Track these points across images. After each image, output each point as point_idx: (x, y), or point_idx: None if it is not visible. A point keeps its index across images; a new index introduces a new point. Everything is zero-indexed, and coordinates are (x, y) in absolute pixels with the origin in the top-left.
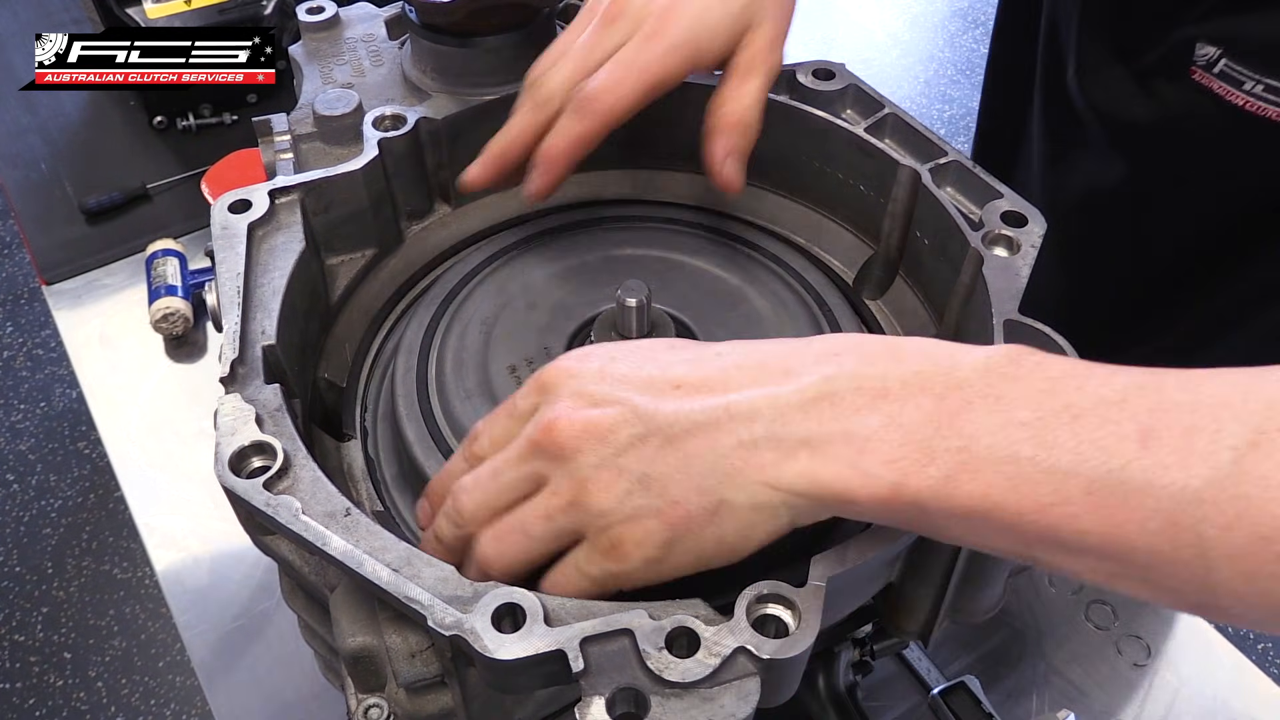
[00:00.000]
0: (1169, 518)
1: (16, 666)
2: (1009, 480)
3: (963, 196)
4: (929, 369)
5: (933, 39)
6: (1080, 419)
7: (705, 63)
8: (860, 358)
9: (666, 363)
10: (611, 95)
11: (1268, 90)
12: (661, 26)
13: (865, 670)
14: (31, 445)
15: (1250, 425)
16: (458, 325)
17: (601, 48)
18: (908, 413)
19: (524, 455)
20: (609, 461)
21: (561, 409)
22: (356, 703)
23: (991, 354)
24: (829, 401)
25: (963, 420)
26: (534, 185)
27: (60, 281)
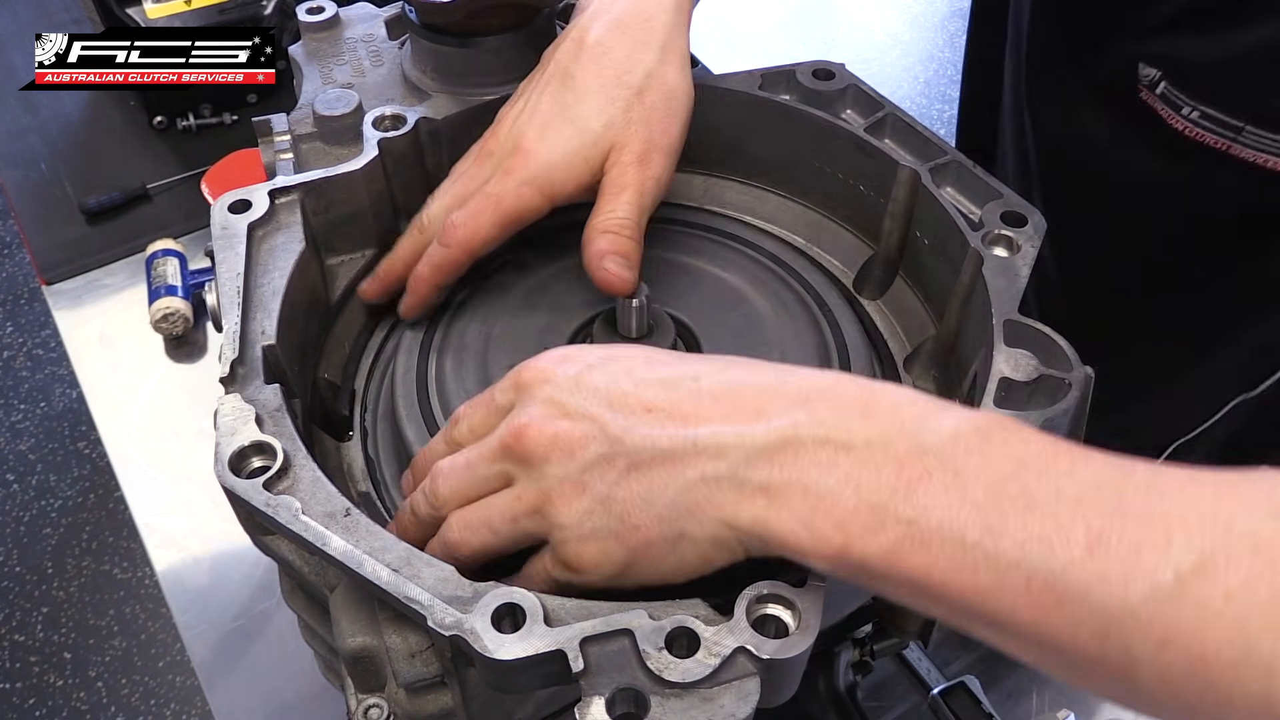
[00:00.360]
0: (1102, 626)
1: (16, 666)
2: (952, 561)
3: (962, 196)
4: (896, 431)
5: (933, 39)
6: (1032, 510)
7: (565, 192)
8: (833, 407)
9: (641, 381)
10: (468, 228)
11: (1204, 117)
12: (515, 163)
13: (865, 670)
14: (31, 445)
15: (1199, 548)
16: (458, 325)
17: (475, 180)
18: (866, 474)
19: (496, 454)
20: (573, 476)
21: (533, 415)
22: (356, 703)
23: (961, 424)
24: (793, 450)
25: (918, 491)
26: (404, 305)
27: (60, 281)
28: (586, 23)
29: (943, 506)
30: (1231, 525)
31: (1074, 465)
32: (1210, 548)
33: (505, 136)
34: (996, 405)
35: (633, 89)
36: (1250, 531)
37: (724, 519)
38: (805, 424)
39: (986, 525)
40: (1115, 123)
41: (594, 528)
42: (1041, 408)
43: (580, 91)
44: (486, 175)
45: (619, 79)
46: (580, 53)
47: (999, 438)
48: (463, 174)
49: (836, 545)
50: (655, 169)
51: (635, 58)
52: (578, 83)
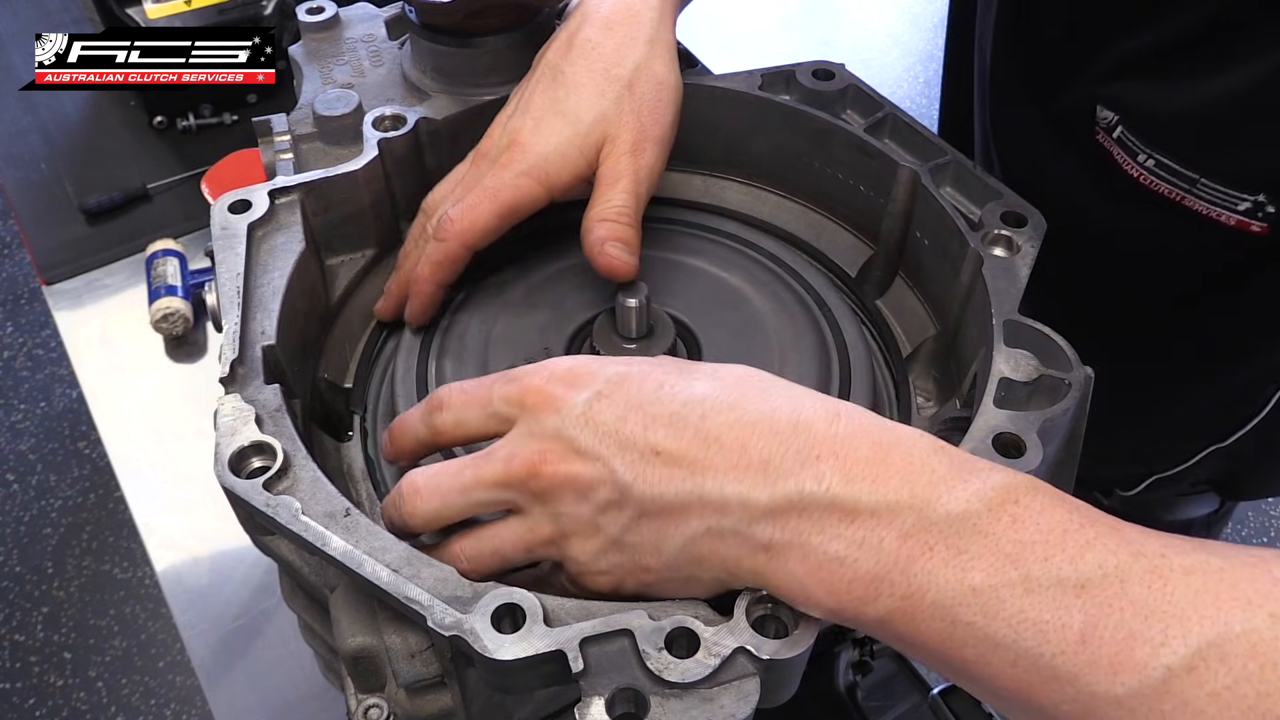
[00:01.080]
0: (1084, 709)
1: (16, 666)
2: (942, 635)
3: (962, 197)
4: (904, 501)
5: (933, 39)
6: (1031, 594)
7: (561, 183)
8: (842, 468)
9: (650, 418)
10: (465, 220)
11: (1159, 166)
12: (511, 156)
13: (865, 670)
14: (31, 445)
15: (1194, 647)
16: (458, 325)
17: (471, 179)
18: (868, 546)
19: (500, 484)
20: (585, 517)
21: (545, 453)
22: (356, 703)
23: (972, 500)
24: (797, 512)
25: (917, 567)
26: (409, 311)
27: (60, 281)
28: (575, 24)
29: (939, 586)
30: (1230, 624)
31: (1081, 548)
32: (1204, 647)
33: (499, 135)
34: (996, 405)
35: (622, 81)
36: (1247, 631)
37: (727, 569)
38: (810, 485)
39: (982, 608)
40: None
41: (608, 564)
42: (1041, 408)
43: (570, 85)
44: (482, 172)
45: (608, 72)
46: (569, 50)
47: (1010, 514)
48: (459, 177)
49: (829, 608)
50: (649, 158)
51: (623, 52)
52: (568, 78)
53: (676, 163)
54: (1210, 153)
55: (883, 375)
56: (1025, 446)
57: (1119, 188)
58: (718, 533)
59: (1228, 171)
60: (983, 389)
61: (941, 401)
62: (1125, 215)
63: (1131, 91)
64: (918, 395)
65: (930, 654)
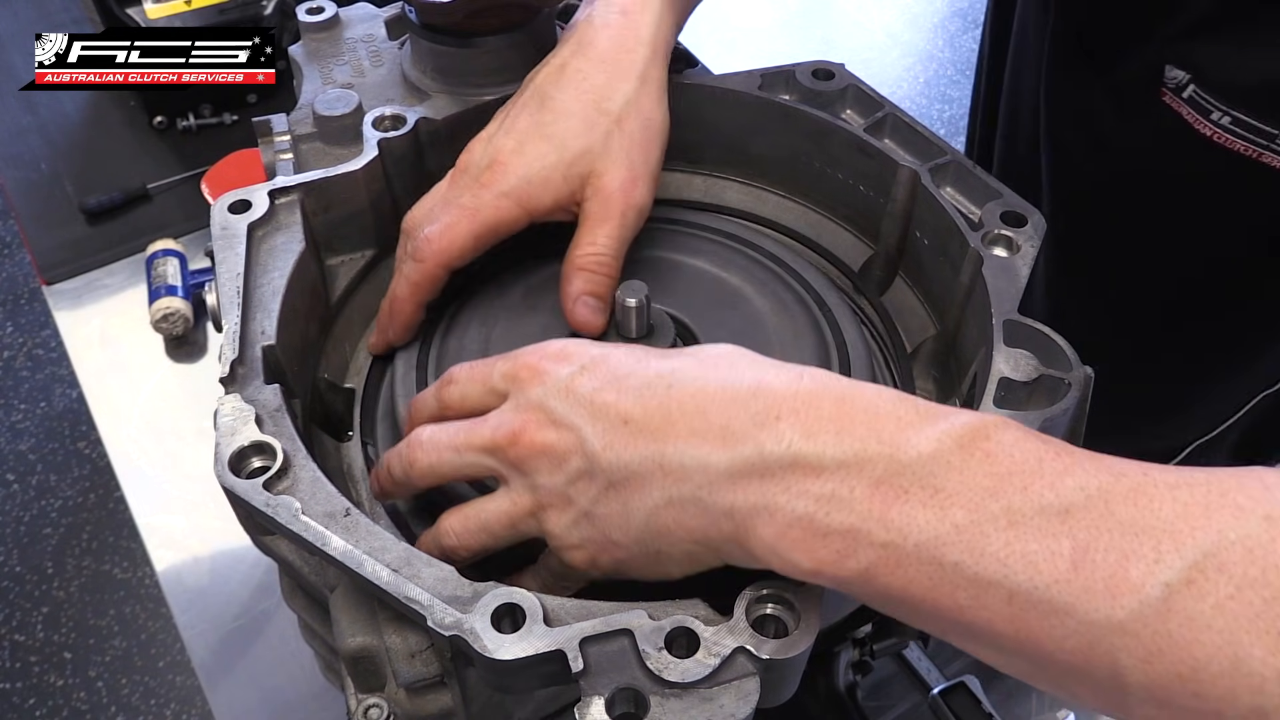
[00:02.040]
0: (1087, 641)
1: (16, 666)
2: (930, 580)
3: (962, 196)
4: (871, 448)
5: (932, 39)
6: (1016, 526)
7: (542, 207)
8: (803, 424)
9: (623, 390)
10: (443, 240)
11: (1235, 123)
12: (491, 176)
13: (865, 670)
14: (31, 445)
15: (1190, 560)
16: (458, 325)
17: (450, 195)
18: (838, 498)
19: (485, 449)
20: (559, 488)
21: (525, 422)
22: (356, 703)
23: (942, 438)
24: (759, 474)
25: (894, 512)
26: (391, 332)
27: (60, 281)
28: (567, 52)
29: (920, 527)
30: (1224, 532)
31: (1060, 475)
32: (1200, 558)
33: (480, 154)
34: (996, 405)
35: (612, 116)
36: (1243, 537)
37: (694, 539)
38: (770, 445)
39: (967, 546)
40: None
41: (581, 537)
42: (1041, 408)
43: (559, 112)
44: (461, 191)
45: (598, 105)
46: (560, 77)
47: (982, 450)
48: (438, 196)
49: (807, 569)
50: (638, 197)
51: (614, 86)
52: (556, 104)
53: (677, 163)
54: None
55: (883, 375)
56: None
57: (1190, 147)
58: (678, 501)
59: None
60: (983, 389)
61: (941, 401)
62: (1196, 175)
63: (1205, 51)
64: (918, 395)
65: (920, 607)
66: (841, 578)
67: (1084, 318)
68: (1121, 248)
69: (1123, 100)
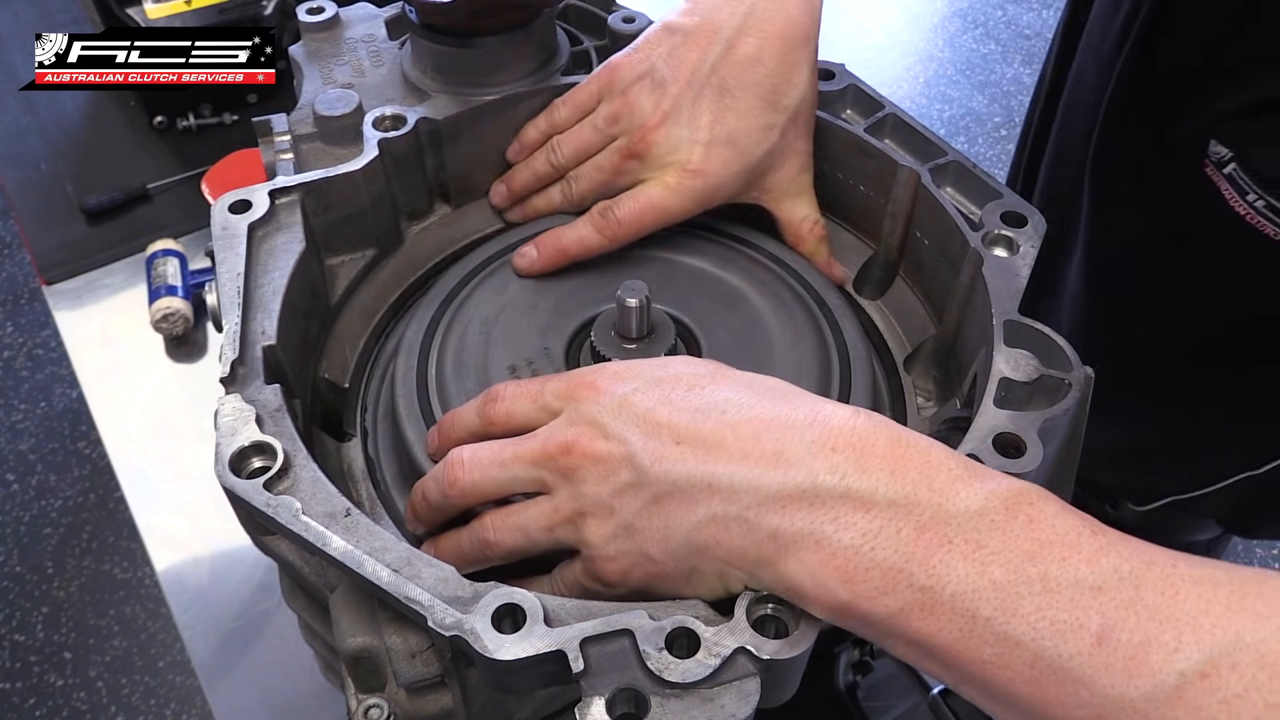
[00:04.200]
0: (1098, 714)
1: (16, 666)
2: (960, 632)
3: (962, 197)
4: (922, 495)
5: (933, 39)
6: (1050, 594)
7: (715, 204)
8: (858, 460)
9: (677, 408)
10: (631, 228)
11: (1269, 208)
12: (682, 180)
13: (865, 670)
14: (31, 445)
15: (1207, 654)
16: (458, 325)
17: (624, 175)
18: (884, 536)
19: (537, 461)
20: (604, 499)
21: (579, 433)
22: (357, 703)
23: (989, 497)
24: (808, 501)
25: (936, 560)
26: (533, 265)
27: (60, 281)
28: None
29: (959, 578)
30: (1242, 635)
31: (1096, 552)
32: (1216, 655)
33: (663, 144)
34: (996, 405)
35: (789, 113)
36: (1258, 641)
37: (730, 560)
38: (824, 475)
39: (1001, 604)
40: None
41: (619, 550)
42: (1041, 408)
43: (740, 111)
44: (639, 176)
45: (775, 101)
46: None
47: (1026, 514)
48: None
49: (842, 601)
50: (810, 172)
51: (789, 78)
52: (737, 101)
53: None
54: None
55: (883, 375)
56: (1025, 446)
57: (1222, 221)
58: (724, 520)
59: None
60: (983, 389)
61: (941, 401)
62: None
63: (1251, 132)
64: (918, 395)
65: (944, 656)
66: (874, 615)
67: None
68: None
69: (1168, 162)
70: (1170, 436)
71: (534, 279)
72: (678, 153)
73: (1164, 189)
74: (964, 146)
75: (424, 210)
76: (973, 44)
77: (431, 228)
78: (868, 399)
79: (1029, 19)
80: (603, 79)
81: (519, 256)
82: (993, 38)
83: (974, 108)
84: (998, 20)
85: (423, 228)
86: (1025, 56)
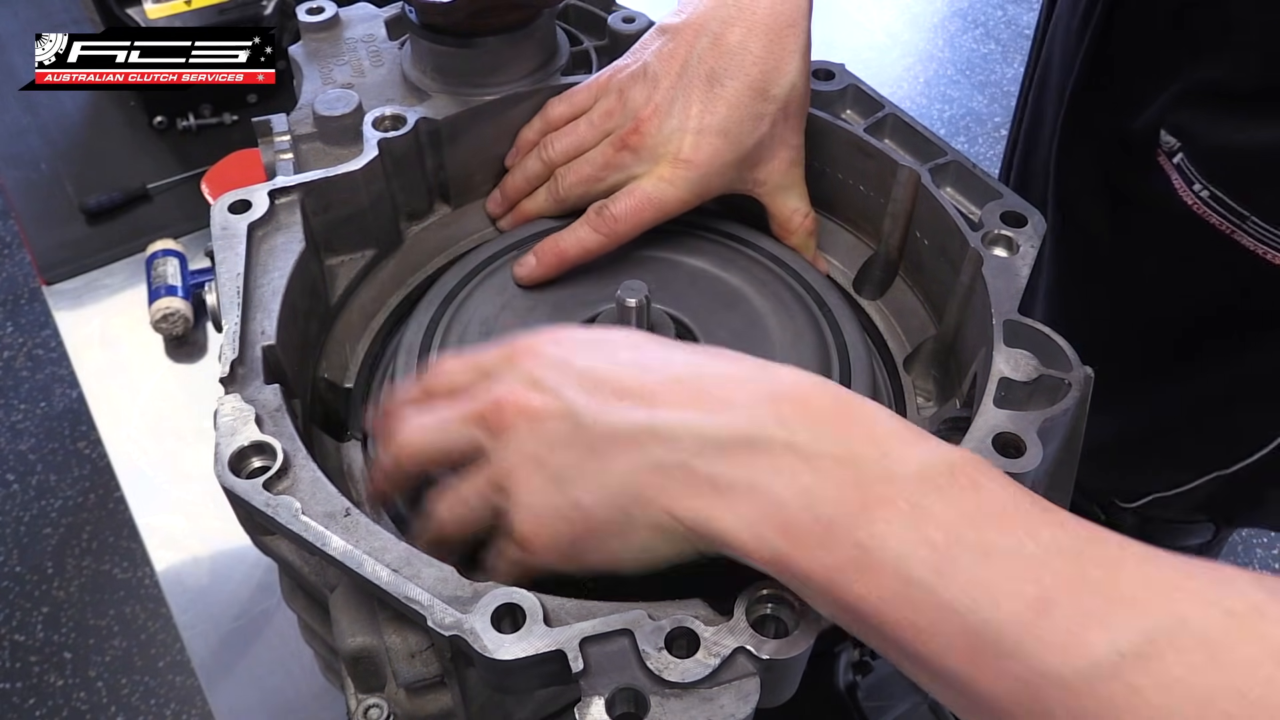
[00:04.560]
0: (1030, 690)
1: (16, 666)
2: (894, 594)
3: (962, 197)
4: (866, 452)
5: (933, 39)
6: (989, 560)
7: (711, 194)
8: (805, 413)
9: (620, 364)
10: (628, 224)
11: (1213, 198)
12: (676, 171)
13: (865, 670)
14: (31, 445)
15: (1146, 632)
16: (458, 325)
17: (616, 169)
18: (826, 490)
19: (468, 420)
20: (535, 452)
21: (510, 389)
22: (356, 703)
23: (934, 459)
24: (750, 450)
25: (876, 517)
26: (532, 273)
27: (60, 281)
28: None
29: (898, 538)
30: (1185, 617)
31: (1040, 524)
32: (1157, 635)
33: (654, 135)
34: (996, 405)
35: (779, 103)
36: (1202, 627)
37: (668, 508)
38: (770, 424)
39: (938, 568)
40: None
41: (546, 505)
42: (1041, 408)
43: (730, 102)
44: (634, 171)
45: (765, 91)
46: (724, 54)
47: (969, 480)
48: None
49: (780, 552)
50: (801, 165)
51: (778, 67)
52: (727, 92)
53: None
54: (1265, 192)
55: (883, 375)
56: (1025, 446)
57: (1174, 213)
58: (665, 466)
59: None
60: (983, 389)
61: (941, 401)
62: (1176, 242)
63: (1194, 121)
64: (918, 395)
65: (877, 619)
66: (809, 571)
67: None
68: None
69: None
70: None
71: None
72: (669, 143)
73: (1123, 182)
74: (964, 146)
75: (424, 210)
76: (973, 44)
77: (431, 228)
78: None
79: (1029, 19)
80: (599, 81)
81: (519, 266)
82: (993, 38)
83: (974, 108)
84: (998, 20)
85: (422, 228)
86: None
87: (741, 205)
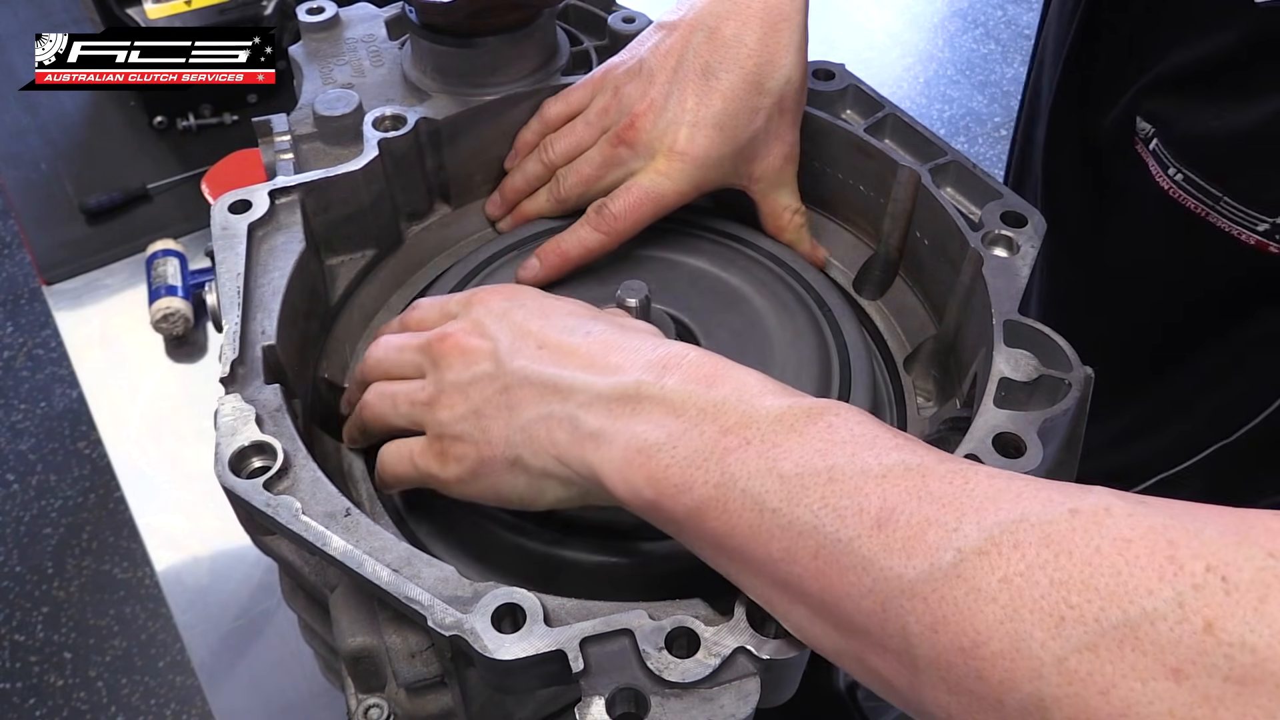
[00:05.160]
0: (880, 601)
1: (16, 666)
2: (750, 526)
3: (962, 197)
4: (731, 402)
5: (933, 39)
6: (834, 483)
7: (709, 188)
8: (682, 375)
9: (550, 325)
10: (628, 221)
11: (1186, 180)
12: (671, 164)
13: None
14: (31, 445)
15: (988, 532)
16: None
17: (614, 165)
18: (689, 437)
19: (419, 348)
20: (461, 384)
21: (457, 329)
22: (356, 703)
23: (794, 406)
24: (630, 404)
25: (732, 458)
26: (535, 276)
27: (60, 281)
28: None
29: (750, 474)
30: (1027, 516)
31: (889, 449)
32: (997, 533)
33: (650, 129)
34: (996, 405)
35: (774, 97)
36: (1044, 522)
37: (555, 455)
38: (649, 385)
39: (788, 495)
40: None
41: (462, 430)
42: (1041, 408)
43: (725, 95)
44: (632, 167)
45: (760, 84)
46: (719, 47)
47: (826, 422)
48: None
49: (648, 498)
50: (795, 162)
51: (773, 60)
52: (721, 85)
53: None
54: (1234, 173)
55: (883, 375)
56: (1025, 446)
57: (1152, 198)
58: (557, 417)
59: (1249, 192)
60: (983, 389)
61: (941, 401)
62: (1155, 226)
63: (1168, 105)
64: (918, 395)
65: (740, 552)
66: (676, 514)
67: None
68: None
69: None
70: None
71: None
72: (665, 137)
73: (1105, 170)
74: (964, 146)
75: (424, 210)
76: (973, 44)
77: (431, 228)
78: (868, 399)
79: (1029, 19)
80: (595, 79)
81: (522, 269)
82: (993, 38)
83: (974, 108)
84: (998, 20)
85: (422, 228)
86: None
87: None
